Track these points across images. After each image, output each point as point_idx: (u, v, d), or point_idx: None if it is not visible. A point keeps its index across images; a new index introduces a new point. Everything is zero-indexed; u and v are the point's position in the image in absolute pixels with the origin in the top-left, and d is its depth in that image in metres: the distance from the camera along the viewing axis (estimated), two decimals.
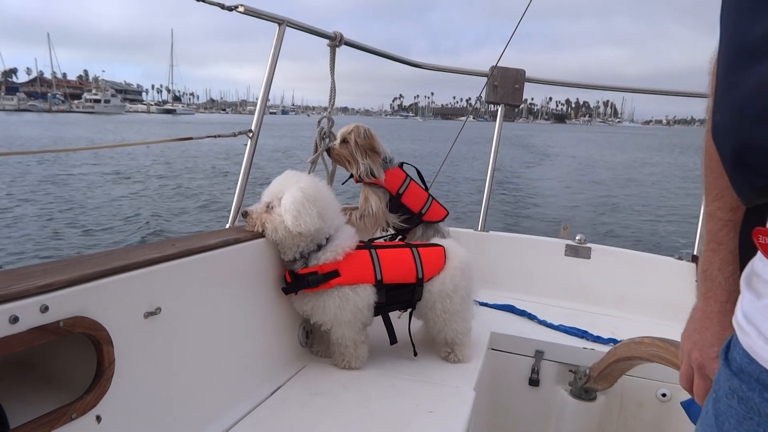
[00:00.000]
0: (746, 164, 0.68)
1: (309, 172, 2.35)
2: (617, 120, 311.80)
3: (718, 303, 0.90)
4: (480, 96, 3.34)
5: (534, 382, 2.50)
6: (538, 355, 2.50)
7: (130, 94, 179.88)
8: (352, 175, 2.42)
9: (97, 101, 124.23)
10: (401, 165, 2.49)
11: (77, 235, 10.50)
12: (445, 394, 1.90)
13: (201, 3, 1.87)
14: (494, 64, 3.26)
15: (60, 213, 12.34)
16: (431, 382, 1.98)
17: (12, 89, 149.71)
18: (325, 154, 2.48)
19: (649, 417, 2.42)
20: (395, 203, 2.43)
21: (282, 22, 2.16)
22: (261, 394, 1.81)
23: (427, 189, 2.56)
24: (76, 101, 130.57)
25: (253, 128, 2.17)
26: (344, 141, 2.38)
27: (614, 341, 2.47)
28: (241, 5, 1.96)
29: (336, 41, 2.43)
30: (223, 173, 19.57)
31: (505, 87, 3.26)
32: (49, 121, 69.16)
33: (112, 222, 11.68)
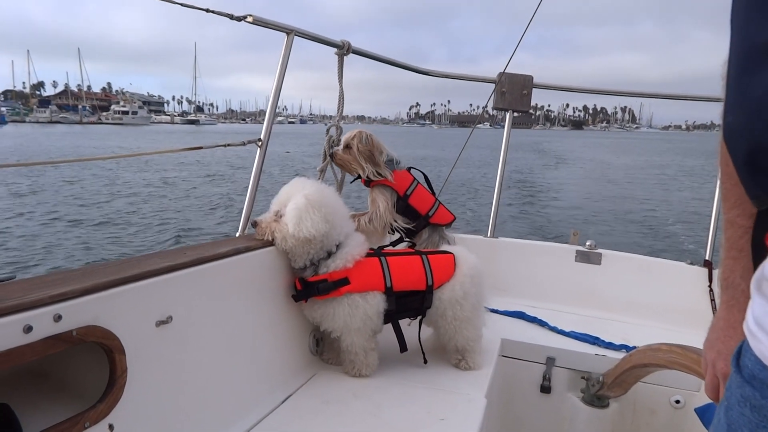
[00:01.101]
0: (759, 167, 0.67)
1: (318, 180, 2.36)
2: (635, 126, 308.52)
3: (742, 311, 0.87)
4: (488, 103, 3.35)
5: (545, 389, 2.48)
6: (550, 361, 2.48)
7: (153, 106, 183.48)
8: (359, 177, 2.43)
9: (125, 113, 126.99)
10: (409, 169, 2.50)
11: (101, 243, 10.63)
12: (456, 401, 1.89)
13: (213, 15, 1.89)
14: (502, 71, 3.27)
15: (89, 220, 12.55)
16: (442, 390, 1.97)
17: (44, 102, 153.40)
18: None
19: (662, 424, 2.40)
20: (402, 205, 2.44)
21: (290, 32, 2.17)
22: (272, 402, 1.81)
23: (434, 193, 2.56)
24: (104, 113, 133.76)
25: (262, 137, 2.18)
26: (347, 146, 2.40)
27: (626, 347, 2.45)
28: (250, 15, 1.98)
29: (344, 50, 2.44)
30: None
31: (513, 93, 3.26)
32: (89, 133, 70.97)
33: (138, 230, 11.87)
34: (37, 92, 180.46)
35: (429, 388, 1.98)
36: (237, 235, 2.07)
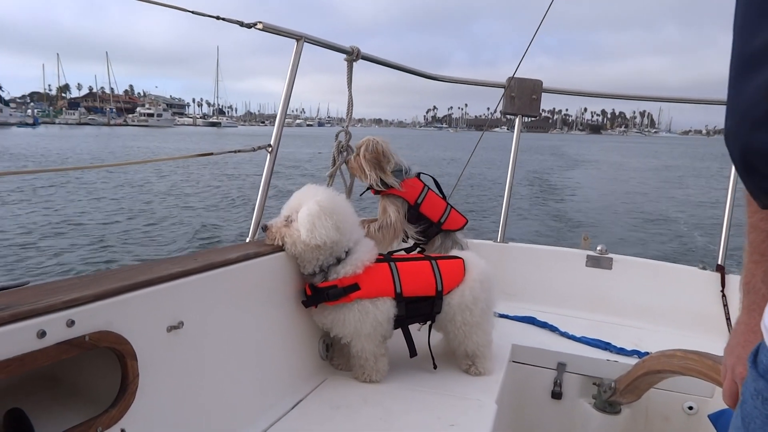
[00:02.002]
0: (752, 168, 0.69)
1: (328, 186, 2.36)
2: (654, 130, 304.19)
3: (762, 316, 0.88)
4: (497, 108, 3.35)
5: (556, 395, 2.47)
6: (561, 367, 2.47)
7: (175, 108, 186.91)
8: (369, 187, 2.42)
9: (150, 115, 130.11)
10: (418, 175, 2.48)
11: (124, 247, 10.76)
12: (467, 407, 1.88)
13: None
14: (511, 76, 3.27)
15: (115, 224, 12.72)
16: (452, 395, 1.96)
17: (74, 104, 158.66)
18: (342, 167, 2.50)
19: (675, 431, 2.37)
20: (414, 213, 2.43)
21: (300, 38, 2.18)
22: (282, 407, 1.81)
23: (445, 198, 2.56)
24: (130, 115, 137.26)
25: (272, 143, 2.19)
26: (358, 154, 2.39)
27: (638, 353, 2.43)
28: (260, 22, 1.99)
29: (353, 56, 2.45)
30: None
31: (522, 98, 3.25)
32: (123, 135, 72.88)
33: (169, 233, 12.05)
34: (63, 95, 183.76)
35: (439, 393, 1.97)
36: (247, 240, 2.08)
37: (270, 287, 1.88)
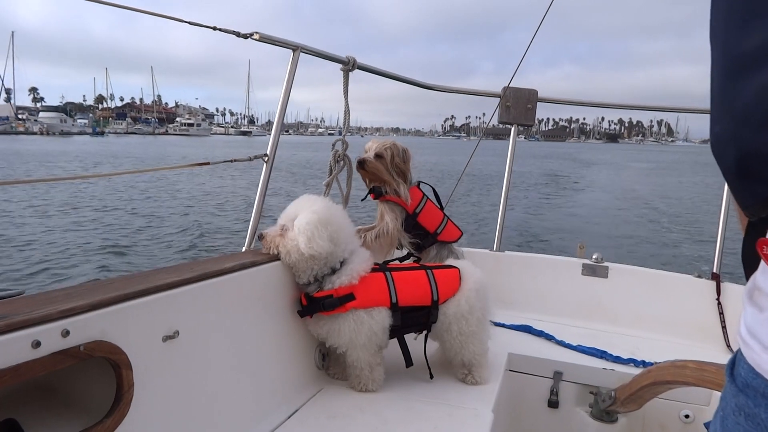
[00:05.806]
0: (752, 173, 0.68)
1: (324, 195, 2.37)
2: (671, 139, 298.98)
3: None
4: (492, 117, 3.37)
5: (553, 403, 2.46)
6: (557, 376, 2.47)
7: (207, 118, 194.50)
8: (370, 191, 2.42)
9: (191, 125, 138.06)
10: (418, 184, 2.49)
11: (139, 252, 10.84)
12: (463, 416, 1.88)
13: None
14: (506, 85, 3.29)
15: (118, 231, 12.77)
16: (449, 405, 1.96)
17: (121, 115, 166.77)
18: (339, 176, 2.50)
19: None
20: (411, 222, 2.43)
21: (296, 48, 2.20)
22: (278, 417, 1.81)
23: (442, 208, 2.56)
24: (171, 125, 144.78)
25: (268, 152, 2.19)
26: (379, 155, 2.37)
27: (634, 361, 2.44)
28: (256, 33, 2.00)
29: (349, 66, 2.47)
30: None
31: (518, 107, 3.28)
32: (175, 143, 76.70)
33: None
34: (98, 105, 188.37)
35: (435, 402, 1.97)
36: (243, 249, 2.08)
37: (266, 297, 1.88)
